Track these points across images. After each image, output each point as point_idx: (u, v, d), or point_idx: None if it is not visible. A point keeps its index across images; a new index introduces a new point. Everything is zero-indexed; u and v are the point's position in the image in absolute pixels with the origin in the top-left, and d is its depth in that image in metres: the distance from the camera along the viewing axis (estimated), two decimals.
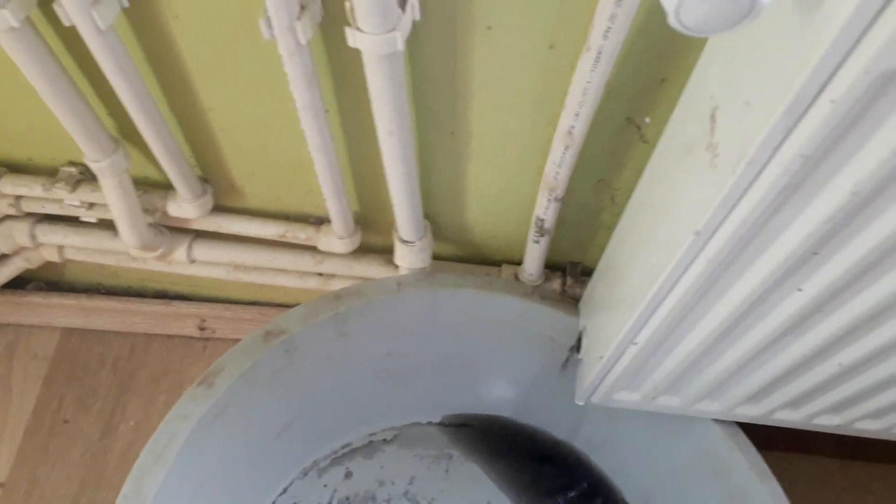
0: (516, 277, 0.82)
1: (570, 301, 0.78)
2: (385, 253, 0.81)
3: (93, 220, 0.79)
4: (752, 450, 0.69)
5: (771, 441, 0.94)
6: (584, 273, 0.82)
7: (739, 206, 0.36)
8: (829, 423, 0.67)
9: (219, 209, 0.78)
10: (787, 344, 0.52)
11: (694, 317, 0.49)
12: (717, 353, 0.54)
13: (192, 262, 0.82)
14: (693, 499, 0.75)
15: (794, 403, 0.63)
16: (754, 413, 0.66)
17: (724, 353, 0.54)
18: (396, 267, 0.79)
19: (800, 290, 0.44)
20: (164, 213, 0.77)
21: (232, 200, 0.77)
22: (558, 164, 0.59)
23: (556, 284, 0.82)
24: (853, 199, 0.34)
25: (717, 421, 0.70)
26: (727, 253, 0.40)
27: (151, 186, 0.76)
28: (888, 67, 0.27)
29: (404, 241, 0.73)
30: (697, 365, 0.57)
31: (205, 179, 0.75)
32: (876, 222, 0.37)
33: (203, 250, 0.81)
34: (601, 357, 0.62)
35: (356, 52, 0.48)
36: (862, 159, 0.32)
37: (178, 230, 0.81)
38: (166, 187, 0.74)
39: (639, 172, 0.58)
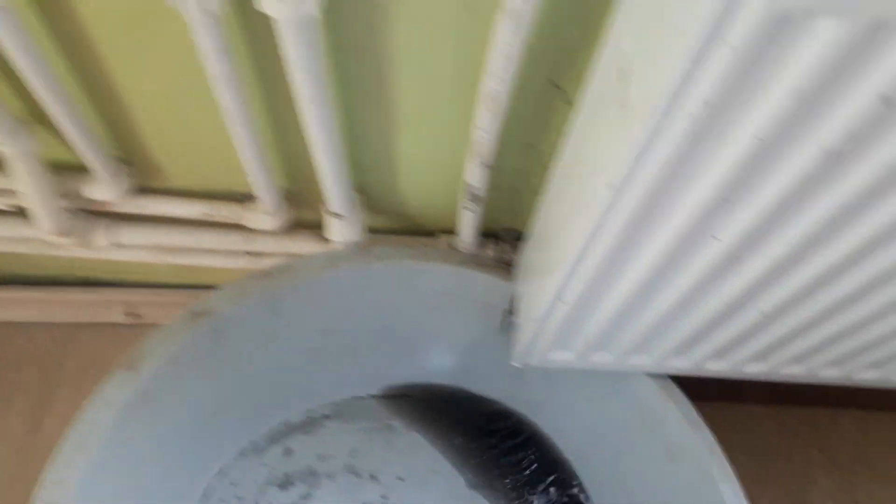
0: (452, 246, 0.81)
1: (506, 267, 0.78)
2: (317, 228, 0.80)
3: (4, 207, 0.75)
4: (685, 401, 0.71)
5: (704, 393, 0.97)
6: (518, 239, 0.82)
7: (650, 156, 0.37)
8: (756, 370, 0.70)
9: (140, 190, 0.75)
10: (709, 293, 0.53)
11: (617, 271, 0.50)
12: (642, 305, 0.55)
13: (116, 246, 0.79)
14: (630, 452, 0.77)
15: (721, 353, 0.66)
16: (685, 365, 0.68)
17: (649, 305, 0.55)
18: (329, 242, 0.78)
19: (716, 238, 0.45)
20: (82, 197, 0.73)
21: (153, 181, 0.74)
22: (484, 128, 0.58)
23: (491, 251, 0.82)
24: (757, 145, 0.35)
25: (649, 375, 0.72)
26: (642, 205, 0.41)
27: (66, 169, 0.73)
28: (781, 8, 0.28)
29: (335, 215, 0.72)
30: (625, 319, 0.58)
31: (122, 160, 0.72)
32: (782, 167, 0.38)
33: (126, 234, 0.78)
34: (534, 317, 0.62)
35: (271, 19, 0.46)
36: (763, 104, 0.33)
37: (99, 214, 0.77)
38: (82, 170, 0.71)
39: (565, 135, 0.58)
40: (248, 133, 0.60)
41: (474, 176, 0.65)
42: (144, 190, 0.75)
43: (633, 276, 0.50)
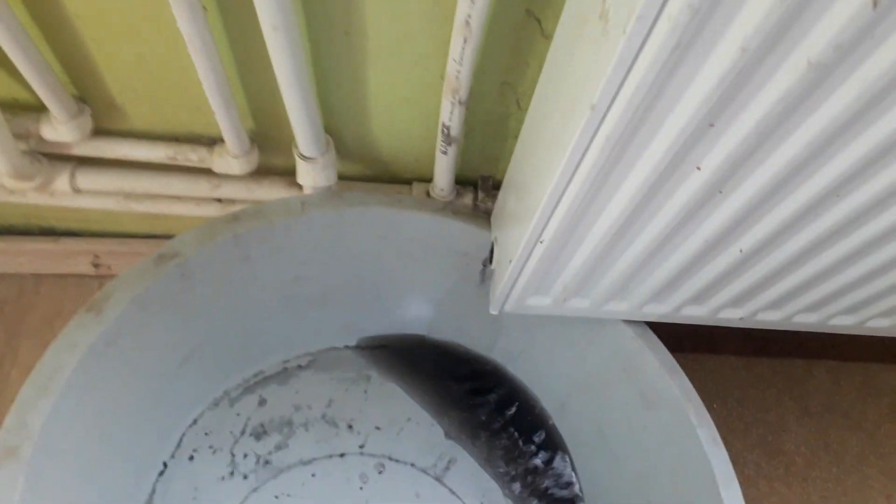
0: (427, 194, 0.80)
1: (483, 215, 0.77)
2: (288, 175, 0.78)
3: None
4: (661, 347, 0.71)
5: (680, 344, 0.97)
6: (496, 187, 0.80)
7: (633, 70, 0.35)
8: (732, 315, 0.69)
9: (100, 132, 0.72)
10: (691, 231, 0.52)
11: (597, 205, 0.49)
12: (622, 245, 0.54)
13: (77, 192, 0.76)
14: (607, 400, 0.77)
15: (699, 297, 0.65)
16: (662, 311, 0.67)
17: (629, 245, 0.54)
18: (300, 188, 0.76)
19: (699, 168, 0.44)
20: (40, 139, 0.70)
21: (114, 122, 0.71)
22: (459, 60, 0.56)
23: (467, 199, 0.80)
24: (743, 57, 0.33)
25: (626, 322, 0.72)
26: (625, 126, 0.39)
27: (22, 109, 0.69)
28: None
29: (305, 158, 0.69)
30: (604, 261, 0.57)
31: (81, 98, 0.68)
32: (768, 86, 0.37)
33: (87, 178, 0.75)
34: (510, 261, 0.61)
35: None
36: (749, 10, 0.31)
37: (58, 157, 0.74)
38: (38, 109, 0.68)
39: (542, 72, 0.56)
40: (212, 66, 0.58)
41: (449, 114, 0.63)
42: (105, 132, 0.72)
43: (614, 209, 0.48)
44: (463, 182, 0.81)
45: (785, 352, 1.00)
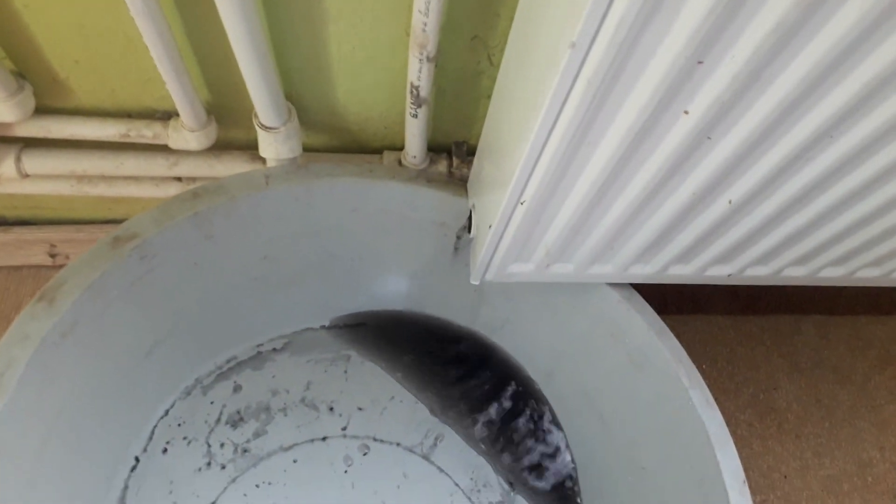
0: (399, 163, 0.76)
1: (458, 182, 0.73)
2: (250, 149, 0.73)
3: None
4: (649, 309, 0.68)
5: (666, 305, 0.95)
6: (471, 152, 0.77)
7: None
8: (720, 273, 0.67)
9: (45, 111, 0.67)
10: (678, 183, 0.49)
11: (581, 158, 0.45)
12: (607, 201, 0.51)
13: (25, 176, 0.71)
14: (594, 366, 0.74)
15: (686, 255, 0.62)
16: (648, 271, 0.65)
17: (614, 200, 0.51)
18: (264, 161, 0.72)
19: (686, 112, 0.41)
20: None
21: (59, 99, 0.66)
22: (424, 11, 0.52)
23: (442, 167, 0.77)
24: None
25: (611, 285, 0.69)
26: (608, 66, 0.36)
27: None
28: None
29: (267, 128, 0.65)
30: (588, 219, 0.54)
31: (20, 74, 0.63)
32: (759, 17, 0.34)
33: (35, 161, 0.70)
34: (490, 226, 0.58)
35: None
36: None
37: (2, 140, 0.69)
38: None
39: (513, 20, 0.52)
40: (158, 31, 0.53)
41: (417, 73, 0.59)
42: (50, 110, 0.67)
43: (598, 163, 0.45)
44: (436, 149, 0.77)
45: (772, 308, 0.98)
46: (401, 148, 0.75)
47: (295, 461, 0.74)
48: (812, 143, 0.45)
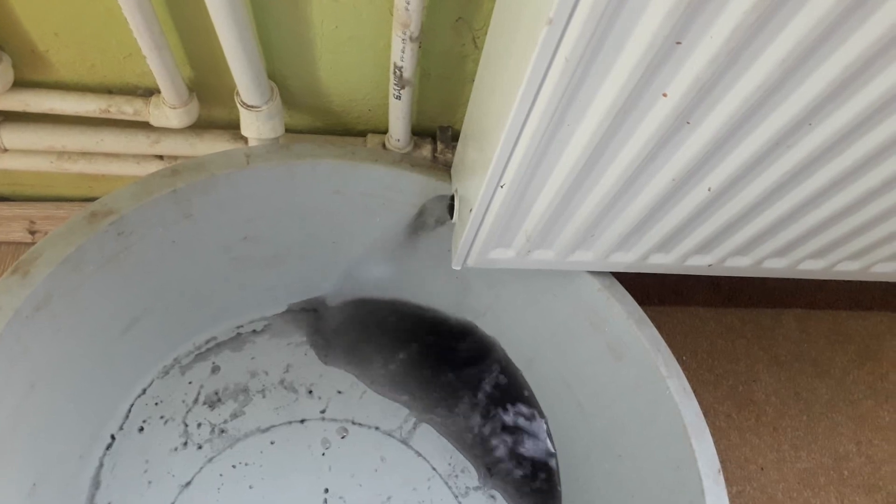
0: (383, 146, 0.76)
1: (442, 167, 0.73)
2: (232, 128, 0.73)
3: None
4: (629, 298, 0.69)
5: (648, 296, 0.96)
6: (455, 138, 0.77)
7: None
8: (701, 262, 0.67)
9: (24, 84, 0.66)
10: (657, 168, 0.49)
11: (559, 141, 0.45)
12: (587, 185, 0.51)
13: (4, 151, 0.70)
14: (573, 353, 0.74)
15: (666, 244, 0.62)
16: (628, 259, 0.65)
17: (594, 185, 0.51)
18: (246, 141, 0.71)
19: (665, 95, 0.41)
20: None
21: (38, 72, 0.66)
22: None
23: (426, 151, 0.76)
24: None
25: (592, 273, 0.69)
26: (586, 43, 0.35)
27: None
28: None
29: (249, 107, 0.65)
30: (568, 204, 0.54)
31: None
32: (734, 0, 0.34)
33: (13, 136, 0.69)
34: (471, 210, 0.57)
35: None
36: None
37: None
38: None
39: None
40: (139, 5, 0.53)
41: (400, 53, 0.59)
42: (30, 83, 0.66)
43: (577, 146, 0.45)
44: (421, 134, 0.77)
45: (753, 301, 0.99)
46: (385, 131, 0.75)
47: (272, 443, 0.74)
48: (791, 131, 0.45)
